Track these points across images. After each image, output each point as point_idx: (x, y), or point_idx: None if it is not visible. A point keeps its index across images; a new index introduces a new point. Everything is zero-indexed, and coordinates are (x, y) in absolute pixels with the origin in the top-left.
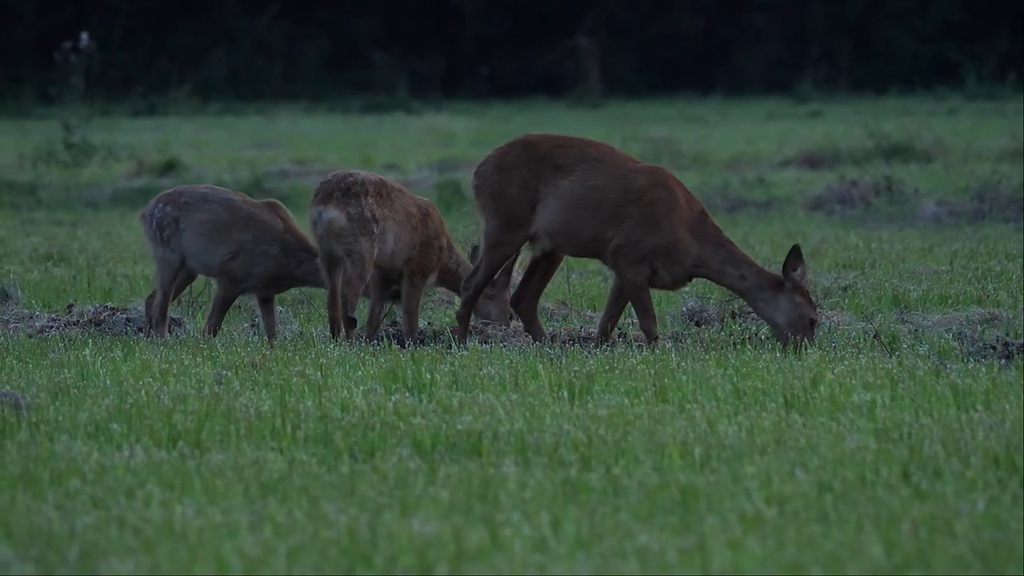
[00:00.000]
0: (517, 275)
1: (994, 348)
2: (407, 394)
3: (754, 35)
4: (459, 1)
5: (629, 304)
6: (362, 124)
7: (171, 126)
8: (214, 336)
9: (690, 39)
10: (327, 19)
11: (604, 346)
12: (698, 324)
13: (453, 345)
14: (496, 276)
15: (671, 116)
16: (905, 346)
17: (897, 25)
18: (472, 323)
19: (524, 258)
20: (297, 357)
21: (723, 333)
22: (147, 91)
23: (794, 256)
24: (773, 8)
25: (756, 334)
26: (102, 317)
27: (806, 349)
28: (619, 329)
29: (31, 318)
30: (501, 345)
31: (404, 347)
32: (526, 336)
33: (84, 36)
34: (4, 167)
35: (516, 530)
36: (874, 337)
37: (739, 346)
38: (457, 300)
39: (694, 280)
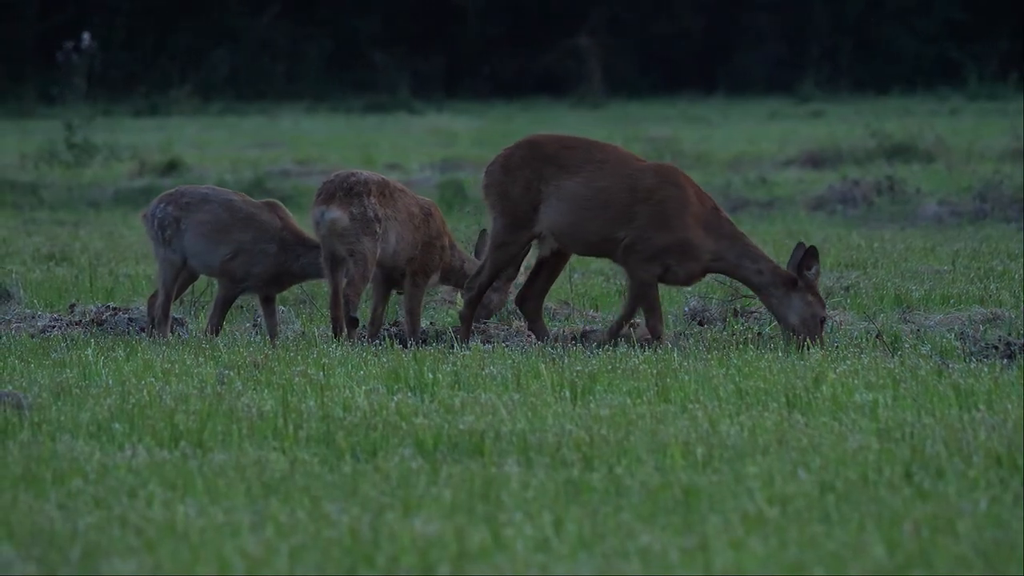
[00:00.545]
0: (522, 275)
1: (996, 348)
2: (409, 394)
3: (756, 35)
4: (461, 1)
5: (623, 301)
6: (364, 124)
7: (173, 126)
8: (216, 336)
9: (692, 39)
10: (329, 19)
11: (609, 346)
12: (700, 324)
13: (455, 345)
14: None
15: (673, 116)
16: (907, 346)
17: (899, 25)
18: (474, 323)
19: (528, 259)
20: (299, 357)
21: (725, 333)
22: (149, 91)
23: (810, 256)
24: (774, 8)
25: (758, 334)
26: (104, 317)
27: (808, 349)
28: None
29: (33, 318)
30: (503, 345)
31: (406, 347)
32: (528, 336)
33: (86, 36)
34: (6, 167)
35: (518, 530)
36: (876, 337)
37: (741, 346)
38: (459, 299)
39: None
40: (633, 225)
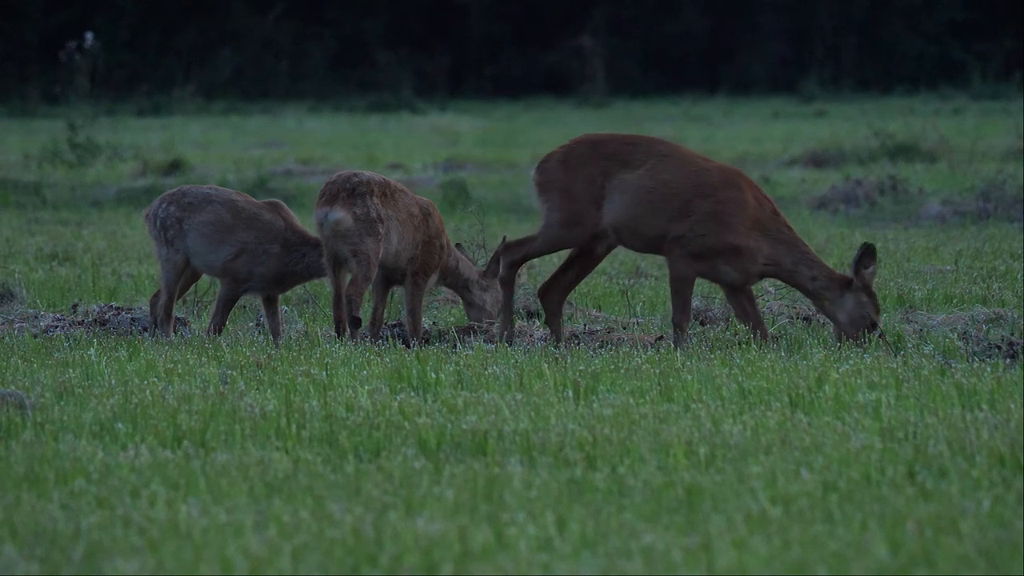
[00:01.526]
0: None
1: (999, 348)
2: (412, 394)
3: (759, 34)
4: (465, 0)
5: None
6: (367, 123)
7: (176, 125)
8: (218, 335)
9: (695, 38)
10: (333, 18)
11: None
12: (703, 323)
13: (458, 345)
14: (489, 267)
15: (676, 115)
16: (910, 345)
17: (902, 24)
18: (476, 323)
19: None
20: (302, 357)
21: (728, 332)
22: (152, 90)
23: (867, 255)
24: (778, 7)
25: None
26: (107, 317)
27: (811, 348)
28: (623, 328)
29: (36, 318)
30: (506, 344)
31: (409, 347)
32: (530, 336)
33: (89, 35)
34: (9, 166)
35: (521, 530)
36: (879, 336)
37: (744, 345)
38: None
39: (698, 280)
40: (688, 219)
